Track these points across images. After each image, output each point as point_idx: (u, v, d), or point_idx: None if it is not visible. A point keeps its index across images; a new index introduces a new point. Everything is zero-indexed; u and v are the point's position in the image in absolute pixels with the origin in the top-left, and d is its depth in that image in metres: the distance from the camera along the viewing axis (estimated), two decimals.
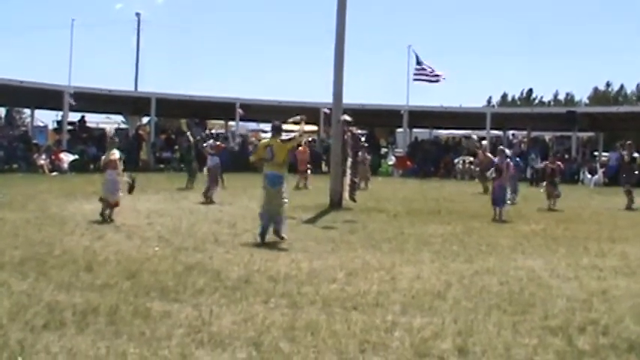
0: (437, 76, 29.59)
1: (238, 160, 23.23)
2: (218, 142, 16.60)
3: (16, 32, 75.77)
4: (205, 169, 16.73)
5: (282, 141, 9.90)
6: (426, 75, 29.69)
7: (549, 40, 78.55)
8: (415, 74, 30.26)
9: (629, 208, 16.03)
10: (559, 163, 17.11)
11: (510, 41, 79.63)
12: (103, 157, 12.40)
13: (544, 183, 16.86)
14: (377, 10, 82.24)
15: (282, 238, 9.49)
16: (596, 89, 53.55)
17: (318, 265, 7.84)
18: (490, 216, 13.26)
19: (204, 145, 18.20)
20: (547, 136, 36.60)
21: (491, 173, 14.29)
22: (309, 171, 21.65)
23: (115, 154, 11.87)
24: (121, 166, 11.90)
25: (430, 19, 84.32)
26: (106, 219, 11.29)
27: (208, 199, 15.24)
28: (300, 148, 21.98)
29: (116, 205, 11.60)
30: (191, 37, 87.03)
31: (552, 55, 73.94)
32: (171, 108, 32.78)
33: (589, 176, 26.30)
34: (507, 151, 14.63)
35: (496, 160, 14.12)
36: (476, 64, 79.02)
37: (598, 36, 77.44)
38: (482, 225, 12.09)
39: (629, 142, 17.83)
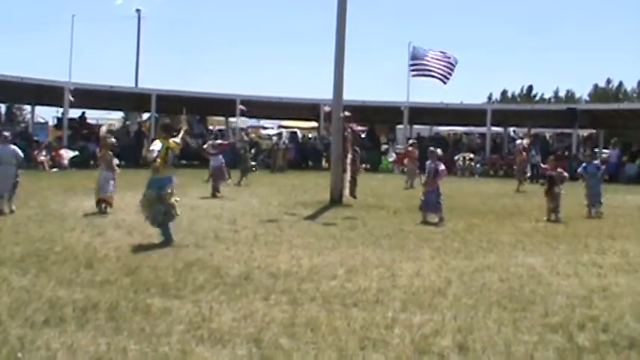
0: (442, 74, 29.43)
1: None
2: (220, 141, 16.59)
3: (16, 28, 75.87)
4: (210, 169, 16.81)
5: (177, 143, 9.28)
6: (429, 70, 29.49)
7: (549, 36, 78.45)
8: (412, 69, 30.10)
9: None
10: (560, 169, 13.22)
11: (510, 37, 79.60)
12: (98, 153, 13.17)
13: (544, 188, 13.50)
14: (377, 7, 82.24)
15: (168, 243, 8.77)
16: (596, 86, 53.51)
17: (319, 261, 7.84)
18: (493, 213, 13.29)
19: (204, 146, 18.18)
20: (547, 133, 36.59)
21: (427, 178, 12.15)
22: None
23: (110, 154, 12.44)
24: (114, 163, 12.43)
25: (430, 15, 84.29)
26: (101, 212, 11.74)
27: (216, 191, 15.61)
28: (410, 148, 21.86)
29: (106, 200, 11.92)
30: (192, 33, 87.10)
31: (552, 51, 73.70)
32: (172, 104, 32.74)
33: None
34: (439, 152, 12.55)
35: (427, 163, 12.42)
36: (476, 61, 78.77)
37: (598, 33, 77.46)
38: (482, 222, 12.08)
39: None
